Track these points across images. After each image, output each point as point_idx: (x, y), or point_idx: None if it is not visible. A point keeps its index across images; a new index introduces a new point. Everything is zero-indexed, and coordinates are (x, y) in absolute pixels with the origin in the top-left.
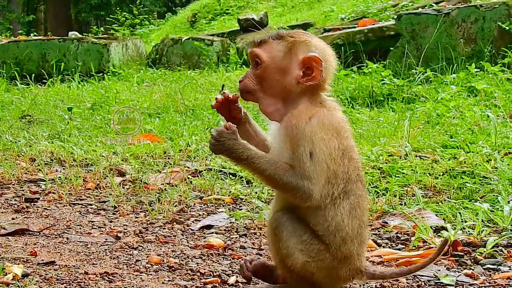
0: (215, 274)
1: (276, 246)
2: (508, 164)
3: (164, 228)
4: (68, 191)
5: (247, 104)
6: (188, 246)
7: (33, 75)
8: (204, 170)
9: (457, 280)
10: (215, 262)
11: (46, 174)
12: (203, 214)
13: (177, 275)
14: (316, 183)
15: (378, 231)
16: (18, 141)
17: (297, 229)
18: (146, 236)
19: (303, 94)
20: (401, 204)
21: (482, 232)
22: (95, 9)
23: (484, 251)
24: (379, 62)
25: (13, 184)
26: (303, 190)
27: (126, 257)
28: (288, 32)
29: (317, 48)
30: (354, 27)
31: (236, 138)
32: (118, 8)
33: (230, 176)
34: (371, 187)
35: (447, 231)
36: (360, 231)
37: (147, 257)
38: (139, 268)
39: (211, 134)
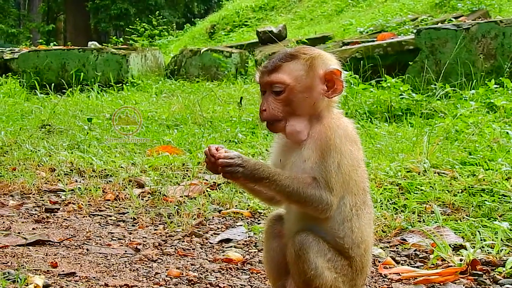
0: None
1: (301, 268)
2: None
3: (183, 241)
4: (88, 202)
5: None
6: (207, 259)
7: (53, 84)
8: (223, 183)
9: None
10: (234, 277)
11: (66, 185)
12: (222, 227)
13: None
14: (336, 195)
15: (397, 248)
16: (38, 150)
17: (322, 248)
18: (165, 249)
19: (324, 107)
20: (419, 221)
21: (501, 251)
22: (115, 19)
23: (503, 271)
24: (397, 77)
25: (34, 194)
26: (325, 202)
27: (145, 269)
28: (295, 49)
29: (330, 60)
30: (373, 41)
31: (250, 159)
32: (137, 19)
33: None
34: (390, 203)
35: (466, 249)
36: (373, 240)
37: (167, 270)
38: (159, 281)
39: (232, 163)
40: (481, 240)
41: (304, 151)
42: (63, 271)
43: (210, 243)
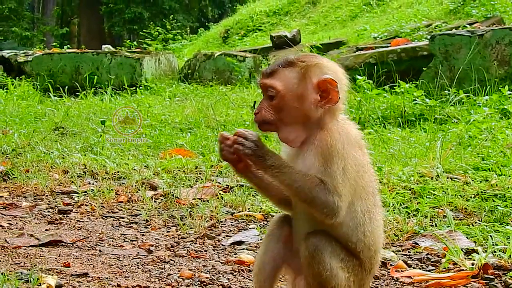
0: None
1: (315, 269)
2: None
3: (196, 243)
4: (101, 203)
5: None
6: (219, 261)
7: (66, 87)
8: (235, 186)
9: None
10: (246, 279)
11: (79, 186)
12: (234, 230)
13: None
14: (344, 200)
15: (409, 252)
16: (51, 152)
17: (335, 249)
18: (178, 251)
19: (324, 114)
20: (432, 226)
21: None
22: (129, 23)
23: None
24: (411, 82)
25: (47, 196)
26: (331, 206)
27: (158, 271)
28: (297, 57)
29: (329, 69)
30: (387, 47)
31: (266, 146)
32: (151, 23)
33: None
34: (402, 208)
35: (478, 254)
36: (383, 241)
37: (179, 271)
38: (171, 282)
39: (246, 138)
40: (493, 244)
41: (306, 158)
42: (75, 271)
43: (223, 245)
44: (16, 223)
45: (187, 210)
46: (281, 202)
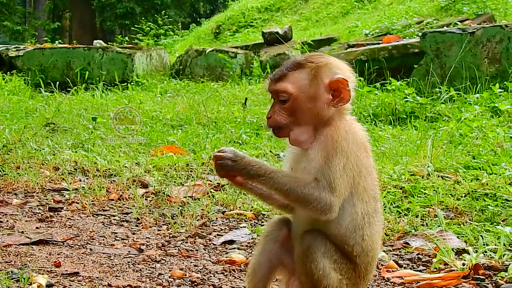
0: None
1: (308, 268)
2: None
3: (187, 242)
4: (92, 201)
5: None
6: (210, 261)
7: (58, 82)
8: (227, 184)
9: None
10: (237, 278)
11: (70, 184)
12: (225, 229)
13: None
14: (338, 196)
15: (400, 252)
16: (42, 149)
17: (329, 249)
18: (169, 250)
19: (333, 115)
20: (423, 225)
21: (503, 256)
22: (120, 18)
23: (506, 276)
24: (402, 80)
25: (37, 193)
26: (324, 202)
27: (148, 270)
28: (304, 58)
29: (338, 68)
30: (378, 43)
31: (246, 156)
32: (143, 18)
33: None
34: (393, 207)
35: (469, 254)
36: (380, 248)
37: (170, 271)
38: (162, 282)
39: (223, 157)
40: (484, 244)
41: (310, 153)
42: (66, 270)
43: (214, 244)
44: (7, 221)
45: (178, 208)
46: (283, 206)
